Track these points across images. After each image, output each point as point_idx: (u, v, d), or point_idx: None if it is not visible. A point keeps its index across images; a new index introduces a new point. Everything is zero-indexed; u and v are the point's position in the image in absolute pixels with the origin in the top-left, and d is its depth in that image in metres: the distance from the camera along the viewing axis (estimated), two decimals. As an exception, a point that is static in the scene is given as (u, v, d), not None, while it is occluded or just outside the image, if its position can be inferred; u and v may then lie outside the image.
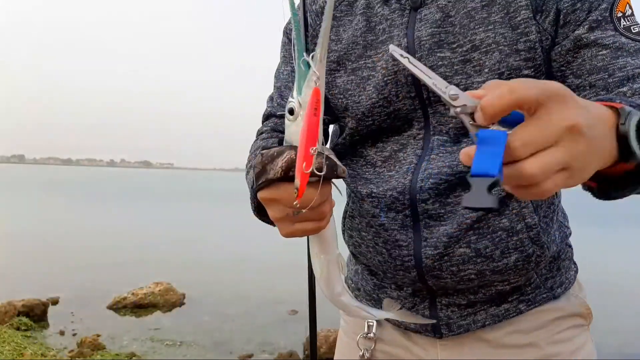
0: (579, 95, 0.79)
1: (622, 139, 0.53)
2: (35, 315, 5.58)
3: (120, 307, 6.27)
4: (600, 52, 0.76)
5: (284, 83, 0.99)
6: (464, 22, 0.80)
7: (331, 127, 1.04)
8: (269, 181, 0.65)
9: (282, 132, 0.96)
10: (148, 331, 5.51)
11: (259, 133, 1.00)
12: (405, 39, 0.83)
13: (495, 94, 0.47)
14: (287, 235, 0.70)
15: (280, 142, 0.83)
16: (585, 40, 0.77)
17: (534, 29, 0.78)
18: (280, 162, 0.64)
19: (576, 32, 0.77)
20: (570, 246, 0.97)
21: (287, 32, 1.01)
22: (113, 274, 8.01)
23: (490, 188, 0.45)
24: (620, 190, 0.61)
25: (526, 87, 0.46)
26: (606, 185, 0.61)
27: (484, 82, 0.77)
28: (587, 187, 0.63)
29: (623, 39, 0.76)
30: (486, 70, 0.79)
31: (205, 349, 5.05)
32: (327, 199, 0.67)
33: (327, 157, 0.62)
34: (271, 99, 1.02)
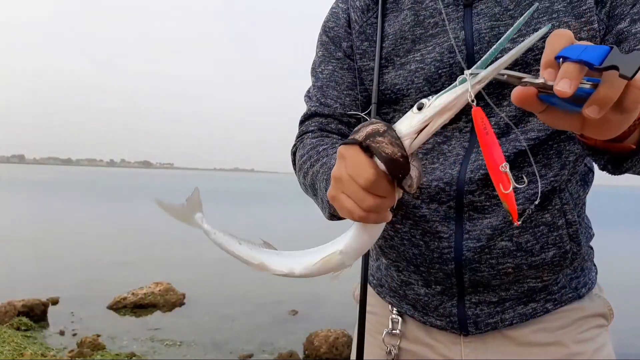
0: None
1: None
2: (35, 315, 5.58)
3: (120, 307, 6.27)
4: (638, 46, 0.77)
5: (326, 82, 0.98)
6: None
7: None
8: (352, 140, 0.66)
9: (330, 131, 0.96)
10: (148, 331, 5.50)
11: (304, 132, 0.98)
12: (463, 32, 0.83)
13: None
14: (330, 198, 0.69)
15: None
16: (625, 33, 0.79)
17: (595, 18, 0.79)
18: (369, 128, 0.64)
19: (619, 25, 0.79)
20: (592, 248, 0.98)
21: (326, 30, 1.00)
22: (113, 274, 8.02)
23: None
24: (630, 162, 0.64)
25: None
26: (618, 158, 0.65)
27: None
28: (605, 160, 0.67)
29: None
30: None
31: (205, 349, 5.05)
32: (386, 197, 0.65)
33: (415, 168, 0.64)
34: (310, 98, 1.00)
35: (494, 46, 0.60)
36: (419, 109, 0.63)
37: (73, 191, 37.42)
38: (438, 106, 0.61)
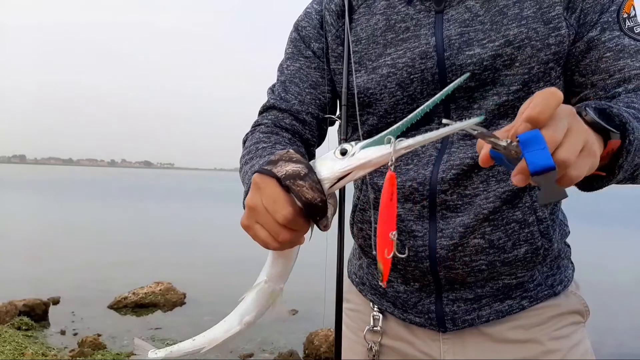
0: (580, 92, 0.84)
1: (593, 126, 0.61)
2: (36, 314, 5.58)
3: (121, 306, 6.28)
4: (605, 55, 0.80)
5: (289, 78, 0.99)
6: (496, 19, 0.82)
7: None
8: (270, 173, 0.66)
9: (282, 127, 0.97)
10: (149, 331, 5.51)
11: (257, 124, 0.99)
12: (434, 38, 0.84)
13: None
14: (243, 225, 0.70)
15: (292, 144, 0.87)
16: (595, 41, 0.81)
17: (564, 24, 0.81)
18: (290, 167, 0.65)
19: (590, 34, 0.81)
20: (568, 245, 1.00)
21: (298, 28, 1.01)
22: (114, 273, 8.02)
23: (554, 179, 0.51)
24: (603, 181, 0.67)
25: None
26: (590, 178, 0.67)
27: (513, 75, 0.82)
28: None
29: (626, 40, 0.80)
30: (517, 64, 0.82)
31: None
32: (299, 231, 0.67)
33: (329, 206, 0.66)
34: (272, 91, 1.01)
35: (413, 114, 0.63)
36: (342, 154, 0.65)
37: (74, 191, 37.45)
38: (362, 159, 0.64)
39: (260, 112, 1.01)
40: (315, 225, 0.68)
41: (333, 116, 0.98)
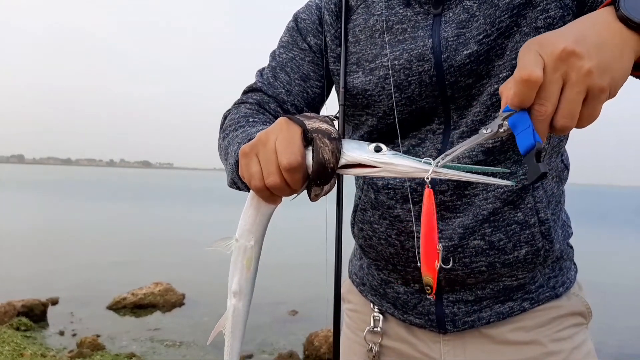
0: None
1: (629, 23, 0.57)
2: (34, 315, 5.58)
3: (120, 307, 6.28)
4: None
5: (280, 65, 0.97)
6: (489, 12, 0.81)
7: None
8: (300, 122, 0.66)
9: (267, 110, 0.95)
10: (148, 331, 5.51)
11: (242, 102, 0.96)
12: (431, 40, 0.84)
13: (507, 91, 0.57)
14: (242, 152, 0.69)
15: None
16: None
17: (553, 5, 0.80)
18: (324, 126, 0.66)
19: None
20: (571, 247, 0.99)
21: (297, 19, 1.00)
22: (113, 274, 8.02)
23: (537, 157, 0.52)
24: None
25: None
26: None
27: (504, 64, 0.81)
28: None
29: None
30: (507, 52, 0.81)
31: (204, 349, 5.05)
32: (288, 186, 0.66)
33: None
34: (261, 74, 0.99)
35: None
36: (377, 150, 0.65)
37: (72, 191, 37.43)
38: (392, 162, 0.64)
39: (245, 92, 0.99)
40: (306, 190, 0.68)
41: (330, 115, 0.97)
